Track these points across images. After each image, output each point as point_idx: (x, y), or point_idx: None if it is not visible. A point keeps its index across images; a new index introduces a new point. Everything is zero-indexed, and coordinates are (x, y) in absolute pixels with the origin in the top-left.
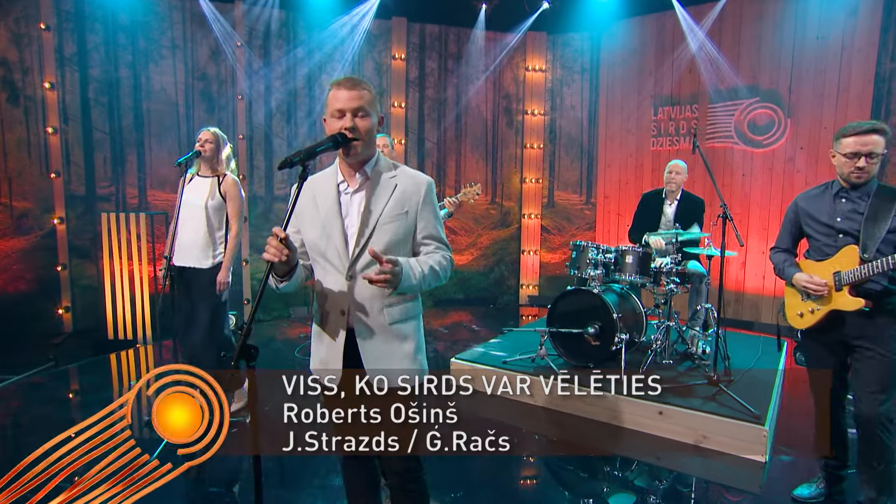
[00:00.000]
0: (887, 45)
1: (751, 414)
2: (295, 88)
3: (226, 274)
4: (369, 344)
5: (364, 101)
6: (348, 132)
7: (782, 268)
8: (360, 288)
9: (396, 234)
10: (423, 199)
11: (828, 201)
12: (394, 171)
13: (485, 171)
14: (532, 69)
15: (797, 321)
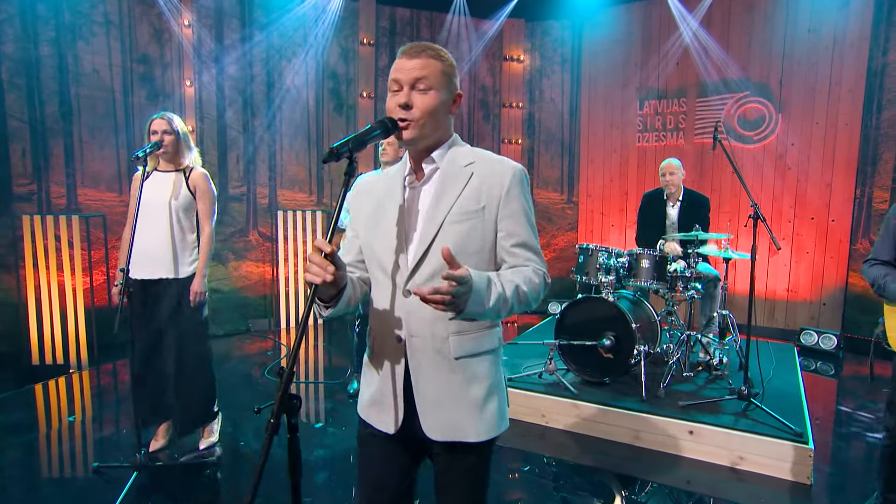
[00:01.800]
0: (879, 40)
1: (791, 431)
2: (252, 74)
3: (201, 283)
4: (427, 383)
5: (428, 71)
6: (401, 111)
7: (883, 283)
8: (418, 306)
9: (468, 236)
10: (507, 192)
11: None
12: (470, 157)
13: None
14: (510, 59)
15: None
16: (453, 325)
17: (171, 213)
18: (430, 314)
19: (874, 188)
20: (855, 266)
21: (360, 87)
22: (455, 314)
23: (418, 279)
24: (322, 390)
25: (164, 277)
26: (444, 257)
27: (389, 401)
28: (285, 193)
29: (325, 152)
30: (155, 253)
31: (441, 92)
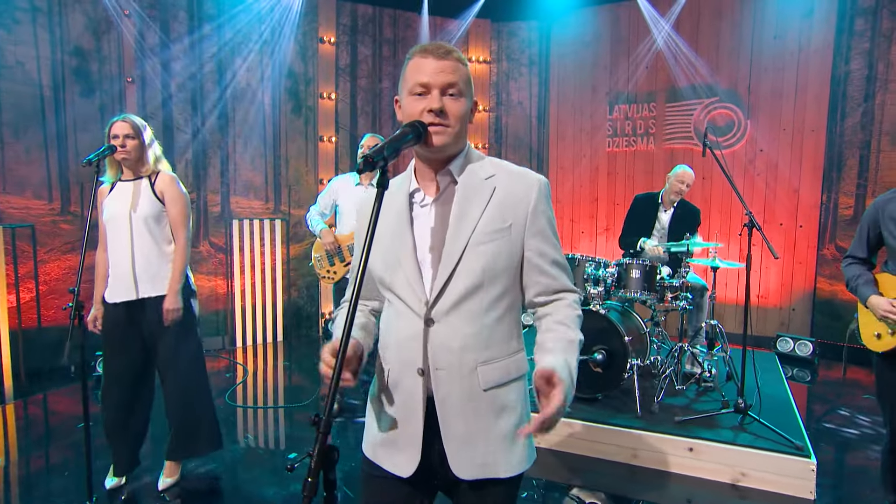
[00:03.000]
0: (841, 48)
1: (792, 445)
2: (201, 72)
3: (174, 300)
4: (455, 419)
5: (458, 76)
6: (433, 116)
7: (855, 286)
8: (443, 335)
9: (495, 259)
10: (533, 208)
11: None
12: (490, 169)
13: None
14: (475, 60)
15: (874, 343)
16: (482, 353)
17: (133, 227)
18: (457, 344)
19: (840, 194)
20: (823, 271)
21: (321, 87)
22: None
23: (443, 306)
24: (291, 416)
25: (144, 297)
26: (540, 384)
27: (407, 440)
28: (239, 201)
29: (360, 162)
30: (122, 272)
31: (468, 99)
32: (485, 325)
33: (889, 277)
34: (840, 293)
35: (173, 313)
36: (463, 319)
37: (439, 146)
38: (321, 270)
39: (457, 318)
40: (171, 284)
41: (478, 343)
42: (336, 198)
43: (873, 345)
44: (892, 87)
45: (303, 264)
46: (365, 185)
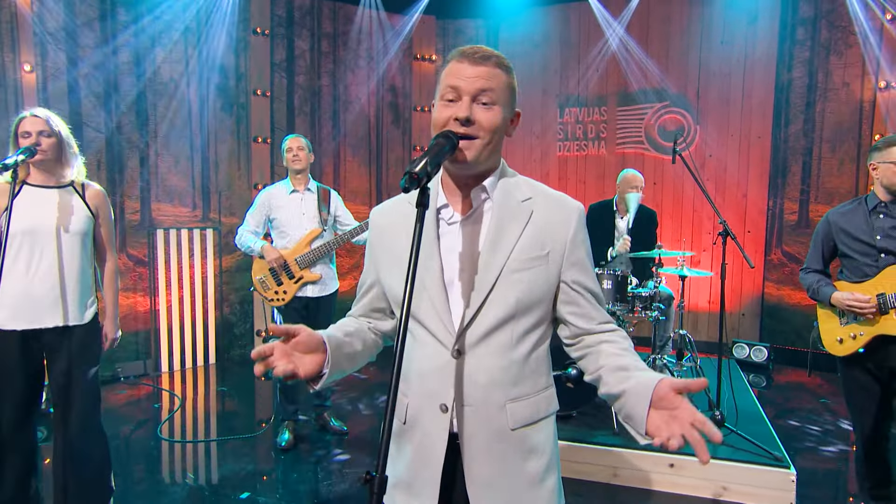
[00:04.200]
0: (784, 56)
1: (772, 456)
2: (116, 64)
3: (115, 326)
4: (480, 461)
5: (495, 82)
6: (459, 125)
7: (816, 288)
8: (471, 369)
9: (531, 287)
10: (573, 236)
11: (863, 217)
12: (526, 190)
13: (368, 177)
14: (421, 58)
15: (836, 348)
16: (511, 389)
17: (62, 244)
18: (485, 378)
19: (785, 200)
20: (770, 276)
21: (254, 83)
22: None
23: (472, 337)
24: (236, 449)
25: (62, 325)
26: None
27: (424, 483)
28: (163, 208)
29: (404, 178)
30: (43, 295)
31: (504, 109)
32: (514, 360)
33: (846, 285)
34: (786, 297)
35: (114, 342)
36: (492, 352)
37: (468, 162)
38: (268, 293)
39: (485, 351)
40: (110, 308)
41: (506, 378)
42: (269, 212)
43: (836, 350)
44: (830, 96)
45: (235, 277)
46: (301, 191)
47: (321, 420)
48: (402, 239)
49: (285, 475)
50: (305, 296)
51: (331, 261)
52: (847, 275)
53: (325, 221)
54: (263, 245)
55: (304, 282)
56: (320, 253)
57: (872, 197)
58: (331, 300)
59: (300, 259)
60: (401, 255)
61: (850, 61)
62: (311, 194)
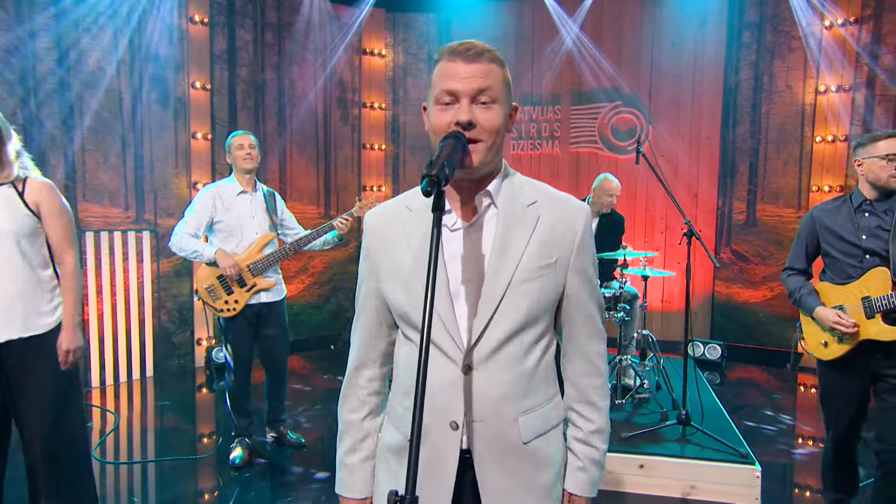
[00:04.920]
0: (732, 59)
1: (737, 453)
2: (34, 50)
3: (73, 336)
4: (494, 477)
5: (492, 79)
6: (460, 129)
7: (799, 298)
8: (482, 384)
9: (540, 296)
10: (580, 242)
11: (847, 216)
12: (531, 193)
13: (315, 176)
14: (370, 53)
15: (821, 351)
16: (522, 402)
17: (13, 244)
18: (497, 393)
19: (734, 199)
20: (720, 275)
21: (192, 75)
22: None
23: (482, 351)
24: (183, 469)
25: (11, 339)
26: None
27: (434, 499)
28: (92, 208)
29: (425, 183)
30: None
31: (503, 106)
32: (525, 371)
33: (829, 286)
34: (735, 295)
35: (74, 353)
36: (503, 366)
37: (474, 166)
38: (217, 303)
39: (496, 365)
40: (67, 317)
41: (517, 391)
42: (215, 213)
43: (820, 353)
44: (775, 99)
45: (174, 283)
46: (250, 192)
47: (277, 434)
48: (402, 246)
49: (241, 494)
50: (258, 302)
51: (278, 267)
52: (830, 275)
53: (274, 225)
54: (217, 250)
55: (258, 289)
56: (273, 259)
57: (857, 195)
58: (281, 305)
59: (253, 265)
60: (401, 265)
61: (792, 65)
62: (259, 195)
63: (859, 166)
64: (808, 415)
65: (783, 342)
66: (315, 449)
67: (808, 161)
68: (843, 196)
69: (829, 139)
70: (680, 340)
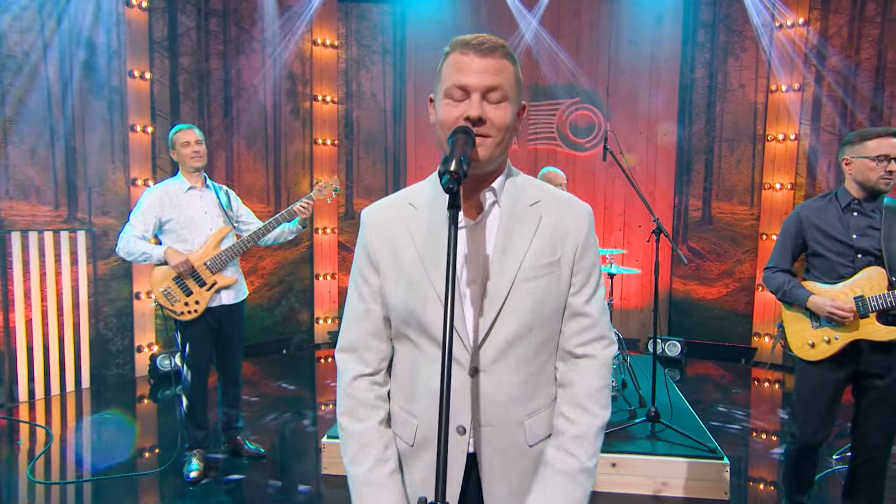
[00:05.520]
0: (687, 57)
1: (706, 448)
2: None
3: None
4: (499, 482)
5: (504, 76)
6: (471, 126)
7: (788, 290)
8: (490, 387)
9: (545, 296)
10: (584, 242)
11: (836, 215)
12: (534, 193)
13: (265, 172)
14: (321, 44)
15: (807, 352)
16: (528, 405)
17: None
18: (504, 395)
19: (689, 197)
20: (677, 272)
21: (130, 63)
22: None
23: (489, 352)
24: (127, 486)
25: None
26: None
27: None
28: (17, 206)
29: (446, 179)
30: None
31: (513, 104)
32: (531, 373)
33: (818, 286)
34: (692, 292)
35: None
36: (511, 368)
37: (480, 161)
38: (176, 306)
39: (504, 367)
40: None
41: (524, 394)
42: (162, 213)
43: (807, 353)
44: (729, 98)
45: (111, 286)
46: (199, 188)
47: (234, 444)
48: (406, 244)
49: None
50: (220, 304)
51: (238, 264)
52: (816, 275)
53: (231, 220)
54: (167, 249)
55: (219, 287)
56: (233, 254)
57: (844, 194)
58: (243, 307)
59: (211, 262)
60: (404, 263)
61: (745, 64)
62: (210, 192)
63: (847, 165)
64: (766, 409)
65: (738, 338)
66: (276, 459)
67: (760, 159)
68: (828, 194)
69: (779, 138)
70: (639, 338)
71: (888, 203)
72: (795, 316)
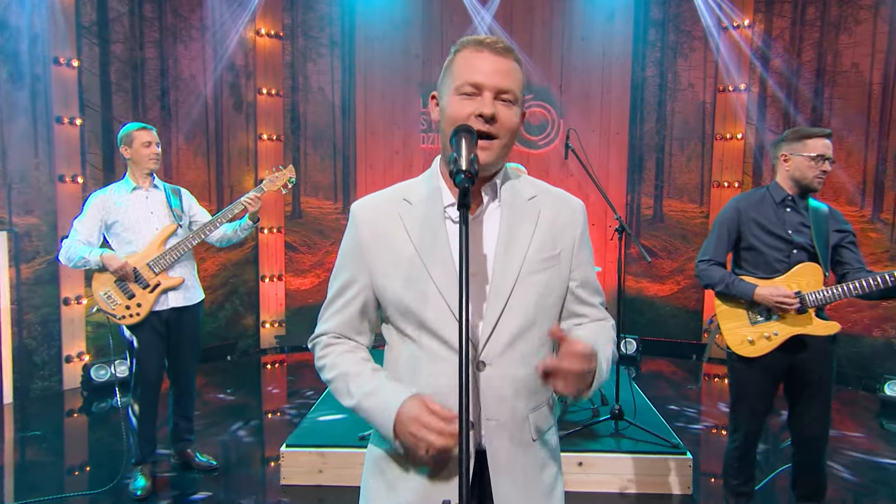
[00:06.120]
0: (638, 56)
1: (669, 444)
2: None
3: None
4: (504, 478)
5: (514, 79)
6: (482, 123)
7: (731, 282)
8: (496, 382)
9: (547, 289)
10: (580, 235)
11: (772, 209)
12: (529, 188)
13: (206, 168)
14: (265, 34)
15: (746, 348)
16: (532, 399)
17: None
18: (510, 390)
19: (641, 195)
20: (629, 269)
21: (54, 49)
22: (577, 396)
23: (495, 346)
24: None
25: None
26: (556, 335)
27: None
28: None
29: (461, 179)
30: None
31: (520, 108)
32: (535, 368)
33: (752, 280)
34: (644, 290)
35: None
36: (516, 362)
37: (484, 164)
38: (117, 309)
39: (510, 361)
40: None
41: (528, 388)
42: (107, 215)
43: (745, 350)
44: (679, 97)
45: (36, 291)
46: (146, 189)
47: (184, 456)
48: (403, 240)
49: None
50: (167, 307)
51: (194, 267)
52: (749, 269)
53: (179, 218)
54: (103, 253)
55: (163, 289)
56: (178, 253)
57: (777, 189)
58: (197, 311)
59: (154, 262)
60: (402, 258)
61: (694, 64)
62: (158, 191)
63: (786, 161)
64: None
65: (689, 334)
66: (230, 470)
67: (709, 157)
68: (761, 189)
69: (727, 136)
70: None
71: (813, 204)
72: (732, 313)
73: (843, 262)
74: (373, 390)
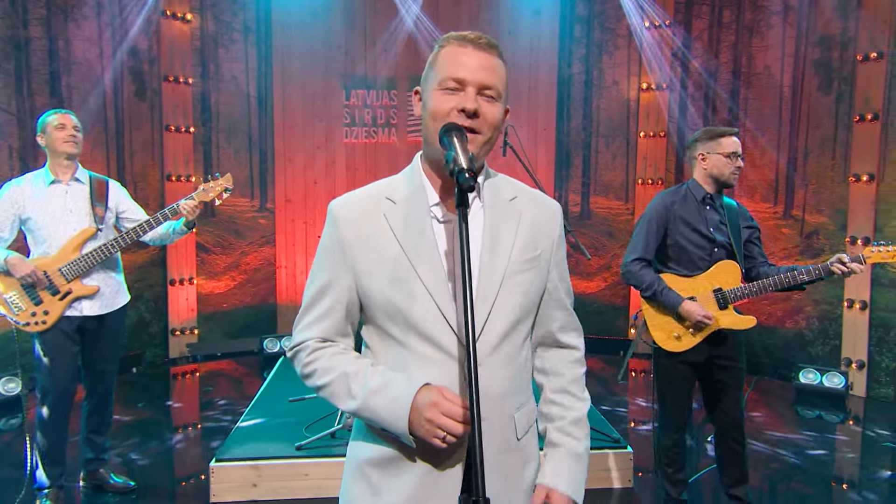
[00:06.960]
0: (565, 52)
1: (610, 439)
2: None
3: None
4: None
5: (498, 75)
6: (464, 118)
7: (659, 290)
8: (485, 382)
9: (530, 290)
10: (558, 236)
11: (695, 207)
12: (509, 188)
13: (105, 162)
14: (171, 16)
15: (672, 344)
16: (517, 398)
17: None
18: (499, 390)
19: (569, 192)
20: None
21: None
22: None
23: (484, 347)
24: None
25: None
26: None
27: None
28: None
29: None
30: None
31: (503, 104)
32: (519, 366)
33: (675, 278)
34: (574, 287)
35: None
36: (503, 362)
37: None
38: (20, 315)
39: (497, 361)
40: None
41: (515, 387)
42: (22, 211)
43: (671, 346)
44: (604, 94)
45: None
46: (66, 182)
47: (96, 478)
48: (388, 239)
49: None
50: (81, 315)
51: (117, 267)
52: (673, 266)
53: (100, 219)
54: (8, 256)
55: (75, 297)
56: (96, 259)
57: (697, 187)
58: (119, 318)
59: (66, 268)
60: (387, 259)
61: (618, 61)
62: (81, 185)
63: (703, 160)
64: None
65: (616, 331)
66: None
67: (633, 155)
68: (680, 187)
69: (651, 134)
70: None
71: (727, 202)
72: (659, 309)
73: (749, 257)
74: (379, 386)
